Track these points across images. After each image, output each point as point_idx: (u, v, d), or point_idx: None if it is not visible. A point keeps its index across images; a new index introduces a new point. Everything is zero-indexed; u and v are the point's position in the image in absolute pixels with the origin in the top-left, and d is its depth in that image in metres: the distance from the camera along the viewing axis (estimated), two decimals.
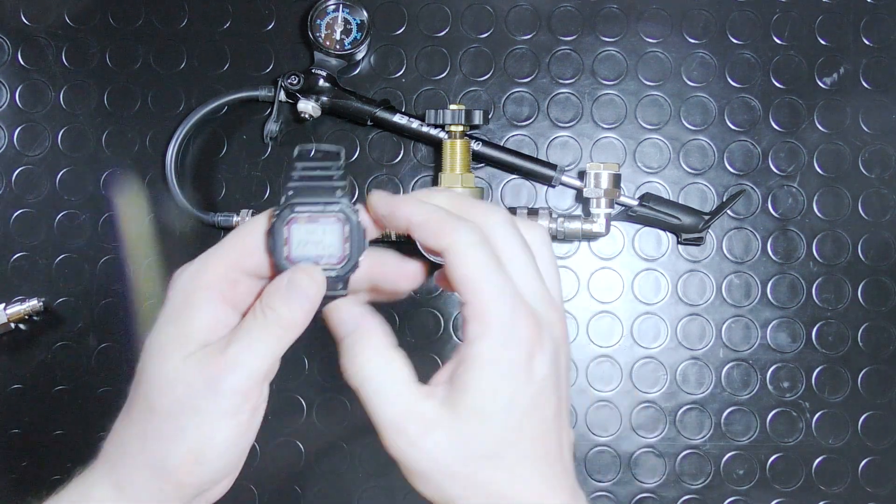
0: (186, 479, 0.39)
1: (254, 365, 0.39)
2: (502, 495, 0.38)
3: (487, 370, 0.37)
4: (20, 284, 0.71)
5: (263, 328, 0.39)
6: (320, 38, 0.70)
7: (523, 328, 0.37)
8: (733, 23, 0.73)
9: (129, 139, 0.72)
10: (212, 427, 0.39)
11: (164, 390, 0.39)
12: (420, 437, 0.38)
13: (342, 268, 0.40)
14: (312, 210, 0.40)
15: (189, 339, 0.39)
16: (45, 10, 0.73)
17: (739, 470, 0.70)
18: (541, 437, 0.38)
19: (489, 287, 0.37)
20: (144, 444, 0.40)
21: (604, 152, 0.72)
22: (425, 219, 0.39)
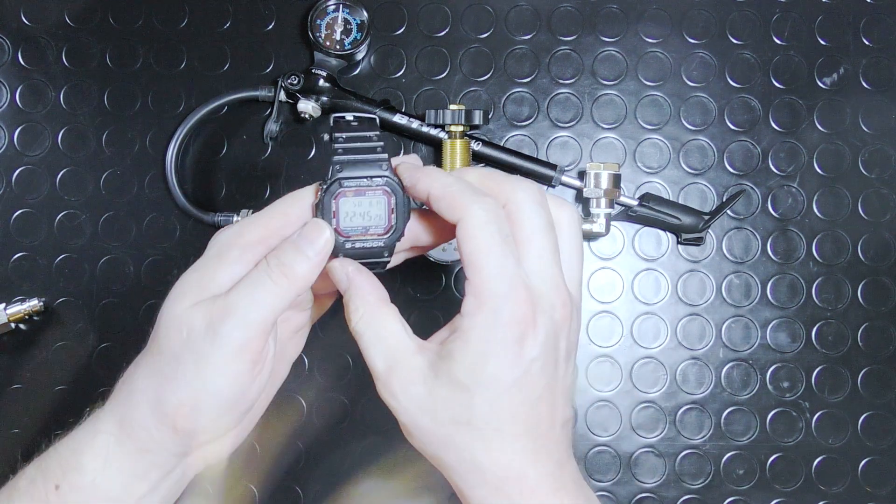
0: (181, 424, 0.40)
1: (252, 311, 0.39)
2: (474, 461, 0.39)
3: (473, 346, 0.38)
4: (20, 284, 0.71)
5: (266, 277, 0.40)
6: (320, 38, 0.70)
7: (516, 310, 0.38)
8: (733, 23, 0.73)
9: (129, 139, 0.72)
10: (209, 373, 0.39)
11: (171, 332, 0.40)
12: (402, 390, 0.39)
13: (388, 238, 0.42)
14: (359, 184, 0.41)
15: (206, 287, 0.40)
16: (45, 10, 0.73)
17: (739, 470, 0.70)
18: (524, 414, 0.39)
19: (490, 266, 0.38)
20: (149, 383, 0.41)
21: (604, 152, 0.72)
22: (442, 192, 0.40)
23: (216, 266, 0.41)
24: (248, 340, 0.39)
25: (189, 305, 0.40)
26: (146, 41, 0.73)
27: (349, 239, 0.41)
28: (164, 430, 0.40)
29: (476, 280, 0.38)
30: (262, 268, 0.40)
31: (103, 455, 0.41)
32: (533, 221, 0.40)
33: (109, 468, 0.41)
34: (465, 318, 0.39)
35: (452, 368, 0.38)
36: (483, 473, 0.39)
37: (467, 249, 0.38)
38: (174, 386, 0.40)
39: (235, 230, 0.42)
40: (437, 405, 0.39)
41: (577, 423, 0.71)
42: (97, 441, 0.41)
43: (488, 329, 0.38)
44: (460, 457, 0.39)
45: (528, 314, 0.38)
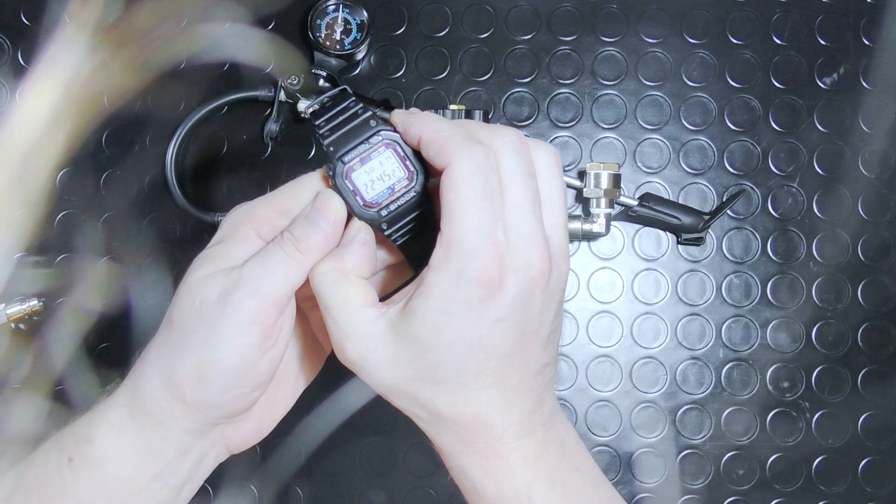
0: (189, 394, 0.40)
1: (264, 282, 0.39)
2: (439, 414, 0.39)
3: (435, 303, 0.37)
4: (20, 284, 0.71)
5: (280, 249, 0.40)
6: (320, 38, 0.70)
7: (482, 269, 0.37)
8: (733, 23, 0.73)
9: (129, 139, 0.72)
10: (218, 342, 0.39)
11: (184, 302, 0.40)
12: (358, 356, 0.39)
13: (416, 184, 0.41)
14: (359, 152, 0.41)
15: (220, 260, 0.40)
16: (45, 10, 0.73)
17: (739, 470, 0.70)
18: (490, 370, 0.38)
19: (466, 219, 0.37)
20: (159, 353, 0.41)
21: (604, 152, 0.72)
22: (433, 137, 0.39)
23: (229, 242, 0.41)
24: (259, 311, 0.39)
25: (203, 276, 0.40)
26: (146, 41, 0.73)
27: (381, 206, 0.41)
28: (174, 401, 0.40)
29: (447, 231, 0.37)
30: (277, 241, 0.40)
31: (116, 428, 0.41)
32: (511, 171, 0.38)
33: (121, 441, 0.40)
34: (432, 270, 0.37)
35: (414, 326, 0.38)
36: (448, 424, 0.39)
37: (447, 198, 0.37)
38: (183, 355, 0.40)
39: (246, 208, 0.42)
40: (398, 365, 0.38)
41: (577, 423, 0.71)
42: (110, 414, 0.41)
43: (451, 286, 0.37)
44: (425, 408, 0.39)
45: (494, 274, 0.37)
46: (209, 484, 0.70)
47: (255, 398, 0.42)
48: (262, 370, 0.41)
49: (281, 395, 0.45)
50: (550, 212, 0.40)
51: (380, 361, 0.39)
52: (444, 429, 0.39)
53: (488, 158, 0.38)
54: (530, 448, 0.40)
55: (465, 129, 0.39)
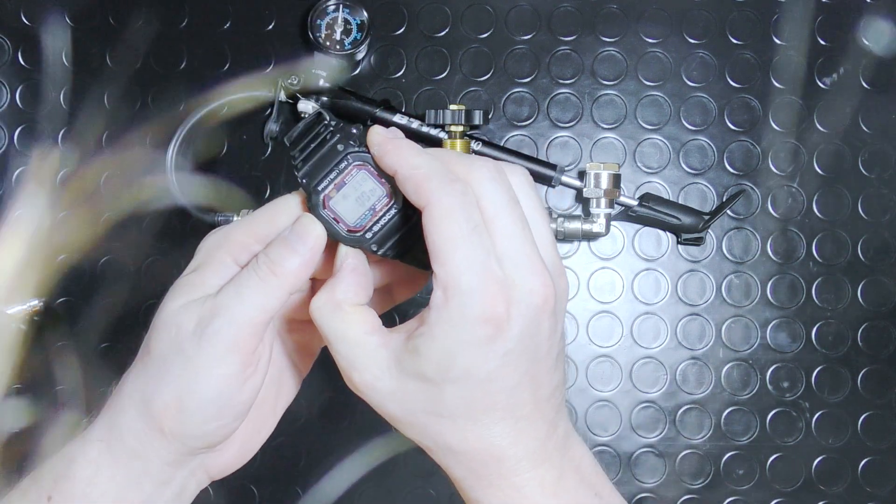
0: (168, 426, 0.39)
1: (240, 311, 0.38)
2: (450, 448, 0.39)
3: (440, 343, 0.36)
4: (20, 285, 0.71)
5: (254, 275, 0.39)
6: (320, 38, 0.70)
7: (486, 306, 0.36)
8: (733, 23, 0.73)
9: (128, 139, 0.72)
10: (196, 374, 0.38)
11: (161, 332, 0.39)
12: (367, 385, 0.39)
13: (397, 198, 0.40)
14: (332, 178, 0.40)
15: (196, 288, 0.40)
16: (45, 10, 0.73)
17: (739, 470, 0.70)
18: (502, 402, 0.38)
19: (457, 258, 0.36)
20: (136, 386, 0.40)
21: (604, 152, 0.72)
22: (409, 174, 0.38)
23: (204, 270, 0.40)
24: (237, 340, 0.38)
25: (179, 306, 0.39)
26: (146, 41, 0.73)
27: (366, 229, 0.40)
28: (152, 433, 0.39)
29: (442, 273, 0.36)
30: (252, 266, 0.39)
31: (94, 462, 0.40)
32: (494, 200, 0.37)
33: (100, 476, 0.40)
34: (432, 312, 0.36)
35: (419, 364, 0.37)
36: (459, 457, 0.39)
37: (432, 239, 0.36)
38: (160, 387, 0.39)
39: (222, 233, 0.41)
40: (406, 397, 0.38)
41: (577, 423, 0.71)
42: (88, 449, 0.40)
43: (455, 327, 0.36)
44: (435, 442, 0.39)
45: (501, 309, 0.36)
46: (209, 484, 0.70)
47: (236, 427, 0.41)
48: (243, 399, 0.40)
49: (262, 420, 0.45)
50: (537, 232, 0.39)
51: (387, 392, 0.38)
52: (457, 462, 0.39)
53: (466, 194, 0.37)
54: (547, 477, 0.39)
55: (442, 164, 0.38)
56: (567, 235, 0.69)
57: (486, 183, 0.38)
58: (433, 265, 0.36)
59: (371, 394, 0.39)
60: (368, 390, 0.39)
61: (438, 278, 0.36)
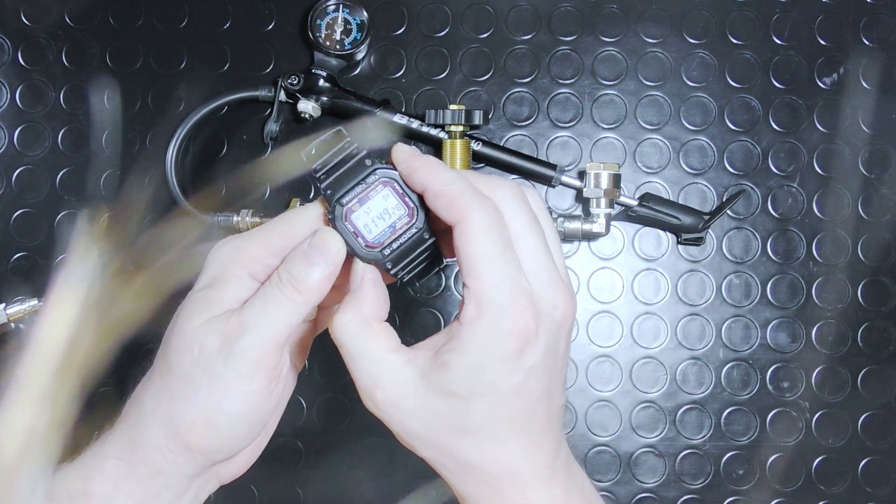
0: (195, 443, 0.39)
1: (267, 329, 0.38)
2: (469, 463, 0.39)
3: (472, 357, 0.37)
4: (20, 284, 0.71)
5: (279, 292, 0.39)
6: (320, 38, 0.70)
7: (518, 320, 0.37)
8: (733, 23, 0.73)
9: (129, 139, 0.72)
10: (224, 391, 0.38)
11: (183, 351, 0.39)
12: (389, 403, 0.39)
13: (418, 219, 0.40)
14: (356, 192, 0.40)
15: (215, 305, 0.39)
16: (45, 10, 0.73)
17: (739, 470, 0.70)
18: (521, 417, 0.38)
19: (491, 273, 0.37)
20: (159, 403, 0.40)
21: (604, 152, 0.72)
22: (441, 190, 0.38)
23: (221, 286, 0.40)
24: (263, 358, 0.38)
25: (200, 323, 0.39)
26: (146, 41, 0.73)
27: (384, 245, 0.40)
28: (177, 450, 0.39)
29: (476, 287, 0.37)
30: (275, 282, 0.39)
31: (112, 480, 0.40)
32: (520, 219, 0.39)
33: (119, 493, 0.40)
34: (465, 327, 0.37)
35: (448, 379, 0.37)
36: (477, 473, 0.39)
37: (467, 254, 0.37)
38: (187, 405, 0.39)
39: (234, 246, 0.41)
40: (429, 414, 0.38)
41: (577, 423, 0.71)
42: (106, 466, 0.40)
43: (488, 340, 0.37)
44: (454, 459, 0.39)
45: (531, 324, 0.37)
46: None
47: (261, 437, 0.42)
48: (269, 411, 0.41)
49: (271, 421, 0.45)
50: (553, 250, 0.40)
51: (411, 410, 0.38)
52: (472, 478, 0.39)
53: (497, 212, 0.38)
54: (556, 492, 0.39)
55: (469, 182, 0.39)
56: (567, 235, 0.69)
57: (509, 201, 0.39)
58: (466, 279, 0.37)
59: (394, 412, 0.39)
60: (392, 408, 0.39)
61: (472, 292, 0.37)
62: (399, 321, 0.71)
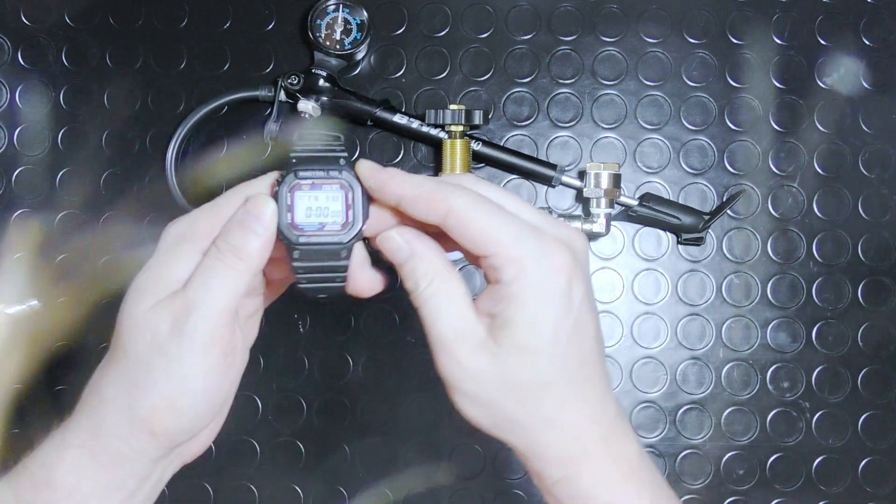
0: (159, 428, 0.39)
1: (213, 302, 0.38)
2: (548, 419, 0.39)
3: (530, 306, 0.38)
4: (20, 284, 0.71)
5: (220, 262, 0.39)
6: (320, 38, 0.70)
7: (559, 258, 0.38)
8: (733, 23, 0.73)
9: (129, 139, 0.72)
10: (181, 372, 0.38)
11: (135, 336, 0.39)
12: (469, 358, 0.39)
13: (346, 234, 0.40)
14: (315, 177, 0.40)
15: (162, 285, 0.39)
16: (45, 10, 0.73)
17: (739, 470, 0.70)
18: (585, 359, 0.39)
19: (508, 231, 0.38)
20: (119, 390, 0.39)
21: (604, 152, 0.72)
22: (417, 192, 0.39)
23: (170, 261, 0.40)
24: (214, 333, 0.38)
25: (149, 307, 0.39)
26: (146, 41, 0.73)
27: (304, 234, 0.40)
28: (141, 436, 0.39)
29: (502, 251, 0.38)
30: (214, 254, 0.39)
31: (75, 469, 0.39)
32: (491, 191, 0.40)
33: (84, 482, 0.39)
34: (512, 283, 0.38)
35: (515, 334, 0.38)
36: (557, 429, 0.39)
37: (474, 231, 0.38)
38: (146, 391, 0.38)
39: (186, 222, 0.40)
40: (505, 372, 0.38)
41: None
42: (68, 455, 0.40)
43: (540, 287, 0.38)
44: (533, 418, 0.39)
45: (570, 260, 0.38)
46: (209, 483, 0.70)
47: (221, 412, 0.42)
48: (228, 387, 0.40)
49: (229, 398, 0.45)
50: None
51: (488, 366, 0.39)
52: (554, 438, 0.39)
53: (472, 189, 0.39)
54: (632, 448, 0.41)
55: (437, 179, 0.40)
56: None
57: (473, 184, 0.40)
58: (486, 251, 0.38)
59: (471, 368, 0.39)
60: (470, 363, 0.39)
61: (499, 256, 0.38)
62: (399, 321, 0.71)
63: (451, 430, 0.70)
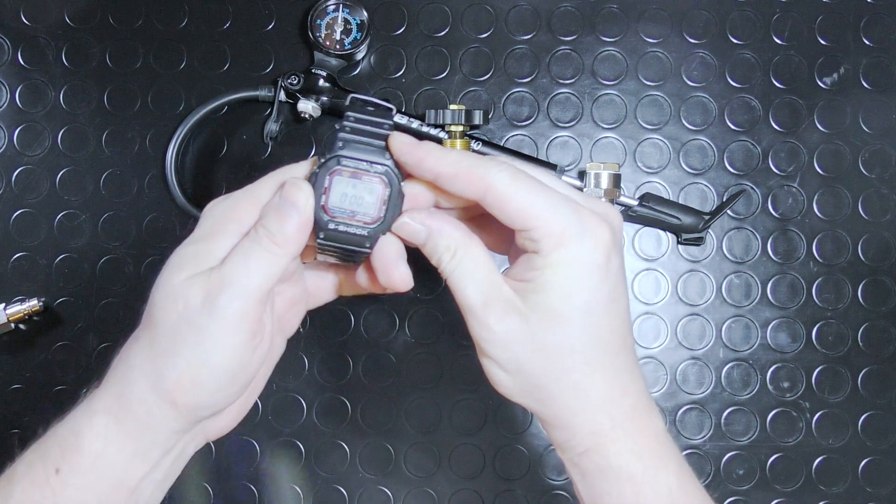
0: (181, 399, 0.39)
1: (248, 282, 0.39)
2: (577, 386, 0.39)
3: (567, 274, 0.38)
4: (20, 284, 0.71)
5: (256, 245, 0.39)
6: (320, 38, 0.70)
7: (599, 232, 0.39)
8: (733, 23, 0.73)
9: (129, 139, 0.72)
10: (208, 346, 0.39)
11: (167, 306, 0.39)
12: (497, 321, 0.39)
13: (373, 228, 0.41)
14: (358, 166, 0.40)
15: (200, 260, 0.40)
16: (45, 10, 0.73)
17: (739, 470, 0.70)
18: (616, 330, 0.40)
19: (548, 206, 0.38)
20: (145, 358, 0.40)
21: (604, 152, 0.72)
22: (455, 170, 0.39)
23: (210, 238, 0.40)
24: (245, 311, 0.39)
25: (184, 278, 0.39)
26: (146, 41, 0.73)
27: (333, 219, 0.40)
28: (164, 406, 0.40)
29: (542, 225, 0.38)
30: (252, 236, 0.40)
31: (102, 435, 0.40)
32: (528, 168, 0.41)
33: (110, 448, 0.40)
34: (552, 254, 0.38)
35: (548, 300, 0.38)
36: (586, 397, 0.39)
37: (515, 207, 0.38)
38: (172, 361, 0.39)
39: (229, 203, 0.41)
40: (534, 335, 0.39)
41: None
42: (95, 421, 0.40)
43: (579, 258, 0.38)
44: (562, 385, 0.39)
45: (610, 232, 0.39)
46: (209, 484, 0.70)
47: (243, 393, 0.42)
48: (253, 367, 0.41)
49: (256, 382, 0.45)
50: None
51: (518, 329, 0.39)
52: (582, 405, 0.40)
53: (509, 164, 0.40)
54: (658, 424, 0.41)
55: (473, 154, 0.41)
56: None
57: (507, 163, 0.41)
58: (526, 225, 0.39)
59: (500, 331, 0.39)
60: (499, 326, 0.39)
61: (539, 230, 0.38)
62: (399, 321, 0.71)
63: (451, 430, 0.70)
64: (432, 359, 0.71)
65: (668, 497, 0.40)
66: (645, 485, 0.40)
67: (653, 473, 0.40)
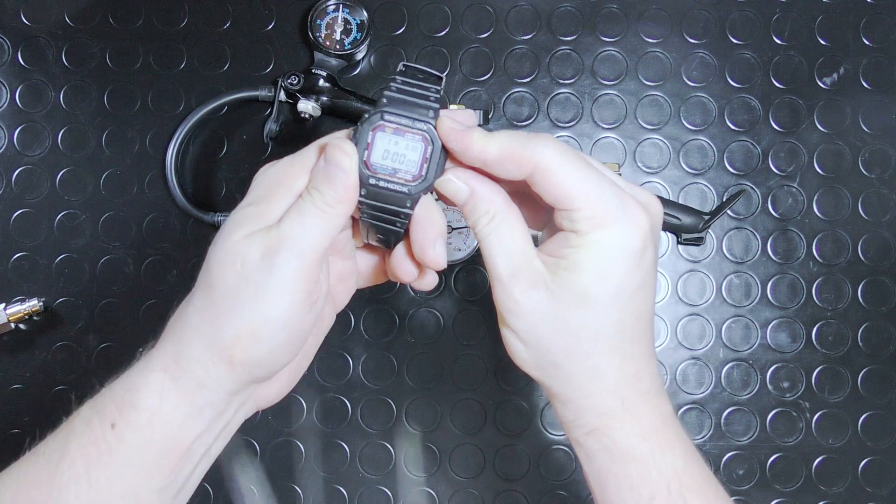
0: (238, 356, 0.40)
1: (305, 239, 0.39)
2: (597, 368, 0.40)
3: (602, 256, 0.39)
4: (20, 284, 0.71)
5: (310, 205, 0.40)
6: (320, 38, 0.70)
7: (639, 220, 0.39)
8: (733, 23, 0.73)
9: (129, 139, 0.72)
10: (266, 302, 0.39)
11: (225, 264, 0.40)
12: (523, 293, 0.39)
13: (415, 186, 0.41)
14: (401, 123, 0.40)
15: (257, 219, 0.40)
16: (45, 10, 0.73)
17: (739, 470, 0.70)
18: (640, 318, 0.40)
19: (593, 188, 0.39)
20: (203, 318, 0.40)
21: (604, 152, 0.72)
22: (502, 153, 0.40)
23: (266, 199, 0.41)
24: (302, 269, 0.39)
25: (243, 236, 0.40)
26: (146, 41, 0.73)
27: (375, 175, 0.41)
28: (220, 365, 0.40)
29: (587, 207, 0.39)
30: (306, 197, 0.40)
31: (158, 392, 0.40)
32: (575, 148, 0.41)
33: (165, 405, 0.40)
34: (590, 235, 0.39)
35: (579, 279, 0.39)
36: (601, 381, 0.40)
37: (563, 188, 0.39)
38: (230, 318, 0.39)
39: (279, 168, 0.42)
40: (558, 313, 0.39)
41: None
42: (152, 379, 0.41)
43: (616, 242, 0.39)
44: (580, 367, 0.40)
45: (649, 224, 0.39)
46: (209, 483, 0.70)
47: (296, 354, 0.43)
48: (307, 327, 0.41)
49: (306, 351, 0.46)
50: None
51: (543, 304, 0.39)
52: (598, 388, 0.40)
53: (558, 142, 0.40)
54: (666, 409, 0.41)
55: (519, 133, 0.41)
56: None
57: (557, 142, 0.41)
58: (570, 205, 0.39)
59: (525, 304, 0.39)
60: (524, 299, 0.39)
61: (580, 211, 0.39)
62: (399, 321, 0.71)
63: (451, 430, 0.70)
64: (432, 359, 0.71)
65: (675, 478, 0.40)
66: (651, 466, 0.40)
67: (659, 455, 0.40)
